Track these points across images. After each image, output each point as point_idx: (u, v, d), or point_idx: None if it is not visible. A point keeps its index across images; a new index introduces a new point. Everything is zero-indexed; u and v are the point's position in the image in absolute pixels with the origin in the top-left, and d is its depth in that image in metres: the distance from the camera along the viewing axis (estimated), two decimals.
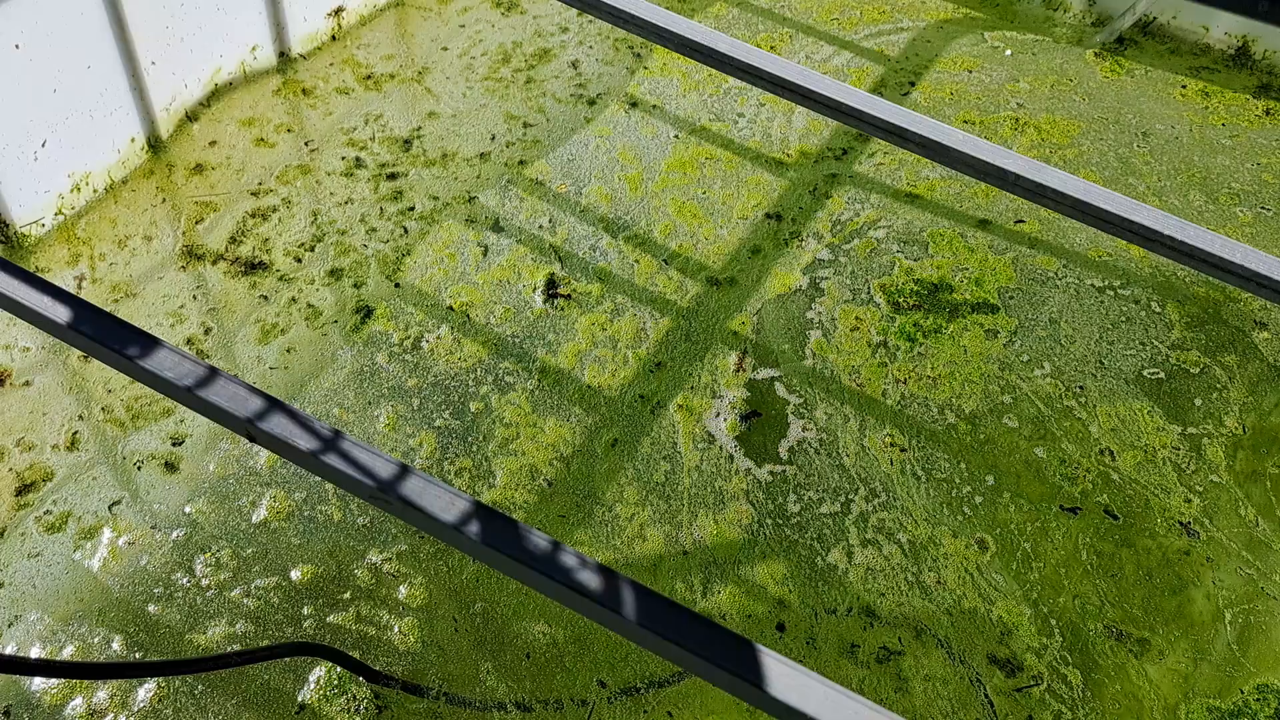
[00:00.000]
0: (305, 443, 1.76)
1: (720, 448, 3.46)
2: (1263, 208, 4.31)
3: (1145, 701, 2.99)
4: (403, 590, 3.09)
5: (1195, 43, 5.07)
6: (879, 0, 5.27)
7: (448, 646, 2.99)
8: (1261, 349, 3.83)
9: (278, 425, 1.78)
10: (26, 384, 3.44)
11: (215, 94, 4.36)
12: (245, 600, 3.04)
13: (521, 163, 4.32)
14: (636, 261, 3.98)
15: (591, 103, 4.60)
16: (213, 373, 1.83)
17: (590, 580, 1.64)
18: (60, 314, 1.92)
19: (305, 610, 3.03)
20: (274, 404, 1.80)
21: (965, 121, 4.60)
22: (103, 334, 1.91)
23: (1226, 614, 3.17)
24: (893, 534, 3.28)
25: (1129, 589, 3.21)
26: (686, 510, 3.30)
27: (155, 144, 4.14)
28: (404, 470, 1.74)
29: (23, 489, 3.21)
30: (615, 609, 1.62)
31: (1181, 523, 3.36)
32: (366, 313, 3.75)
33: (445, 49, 4.79)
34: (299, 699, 2.87)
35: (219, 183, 4.09)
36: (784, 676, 1.54)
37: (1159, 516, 3.37)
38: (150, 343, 1.87)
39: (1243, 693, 3.02)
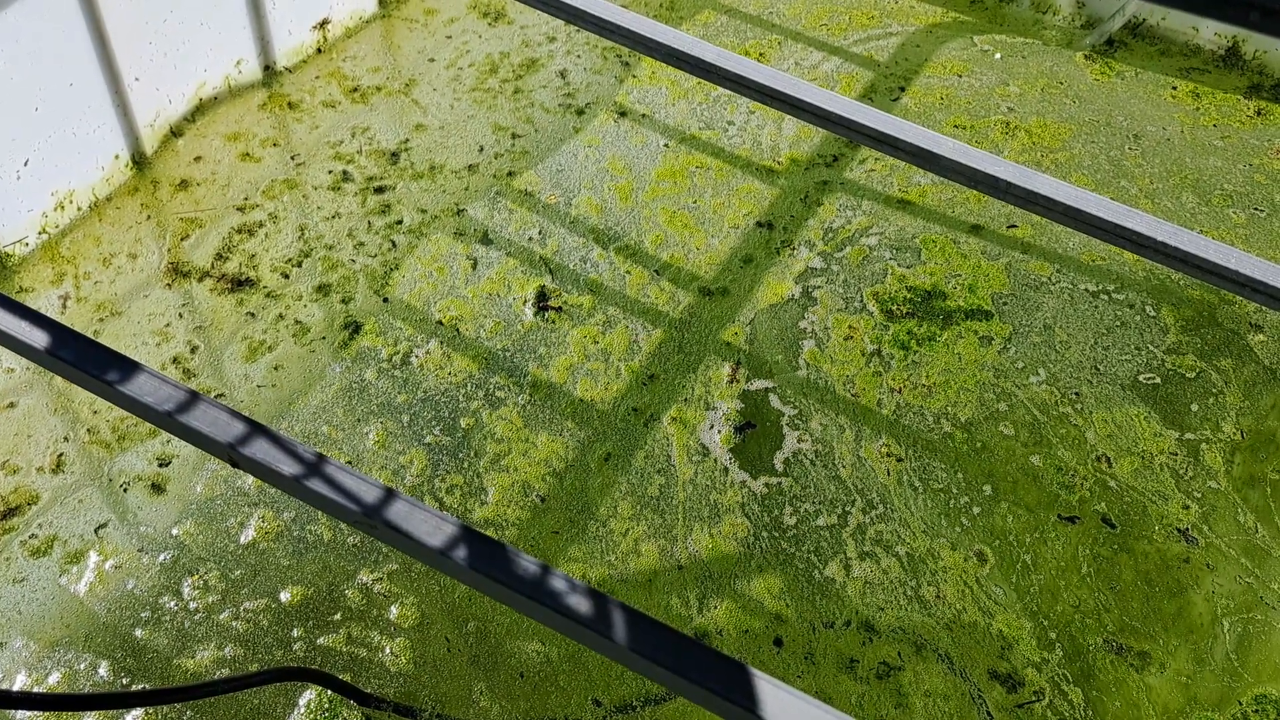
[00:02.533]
0: (289, 468, 1.73)
1: (715, 460, 3.43)
2: (1256, 209, 4.29)
3: (1146, 715, 2.96)
4: (394, 610, 3.05)
5: (1185, 44, 5.06)
6: (868, 5, 5.25)
7: (440, 666, 2.95)
8: (1257, 352, 3.81)
9: (260, 450, 1.75)
10: (11, 405, 3.40)
11: (200, 109, 4.32)
12: (234, 623, 2.99)
13: (510, 174, 4.29)
14: (628, 273, 3.95)
15: (580, 112, 4.57)
16: (193, 397, 1.80)
17: (579, 604, 1.61)
18: (38, 339, 1.89)
19: (295, 632, 2.99)
20: (257, 428, 1.77)
21: (956, 126, 4.58)
22: (82, 359, 1.87)
23: (1225, 622, 3.14)
24: (891, 546, 3.25)
25: (1128, 598, 3.18)
26: (681, 524, 3.27)
27: (139, 160, 4.10)
28: (389, 494, 1.71)
29: (7, 513, 3.17)
30: (605, 633, 1.59)
31: (1180, 529, 3.33)
32: (355, 328, 3.72)
33: (432, 60, 4.76)
34: None
35: (204, 199, 4.05)
36: (777, 700, 1.51)
37: (1157, 523, 3.34)
38: (130, 367, 1.84)
39: (1241, 704, 2.99)
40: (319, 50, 4.71)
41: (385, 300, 3.81)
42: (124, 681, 2.87)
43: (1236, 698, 3.00)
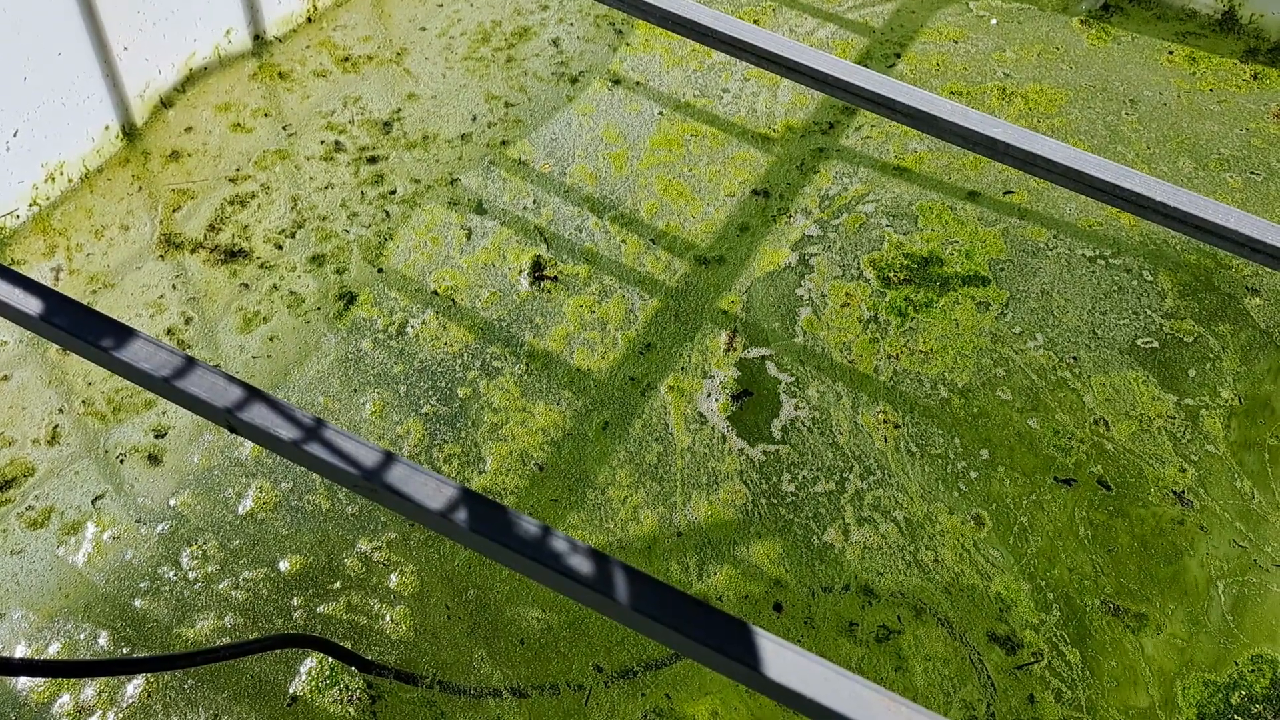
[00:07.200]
0: (287, 432, 1.72)
1: (712, 428, 3.43)
2: (1252, 173, 4.28)
3: (1142, 676, 2.98)
4: (394, 578, 3.05)
5: (1181, 8, 5.02)
6: None
7: (441, 634, 2.96)
8: (1254, 316, 3.81)
9: (258, 415, 1.74)
10: (5, 378, 3.38)
11: (190, 79, 4.28)
12: (234, 593, 3.00)
13: (504, 143, 4.26)
14: (623, 241, 3.94)
15: (574, 81, 4.54)
16: (190, 363, 1.79)
17: (581, 565, 1.61)
18: (32, 306, 1.87)
19: (295, 601, 2.99)
20: (254, 394, 1.76)
21: (952, 92, 4.56)
22: (76, 326, 1.86)
23: (1220, 584, 3.16)
24: (889, 511, 3.26)
25: (1124, 560, 3.19)
26: (680, 491, 3.27)
27: (130, 131, 4.07)
28: (389, 458, 1.70)
29: (4, 485, 3.16)
30: (608, 594, 1.59)
31: (1175, 492, 3.34)
32: (350, 299, 3.70)
33: (424, 29, 4.71)
34: (290, 691, 2.83)
35: (196, 170, 4.02)
36: (781, 658, 1.51)
37: (1153, 486, 3.35)
38: (125, 334, 1.82)
39: (1237, 664, 3.01)
40: (309, 19, 4.66)
41: (380, 271, 3.79)
42: (124, 651, 2.87)
43: (1233, 658, 3.02)
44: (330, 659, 2.87)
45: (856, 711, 1.44)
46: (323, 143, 4.18)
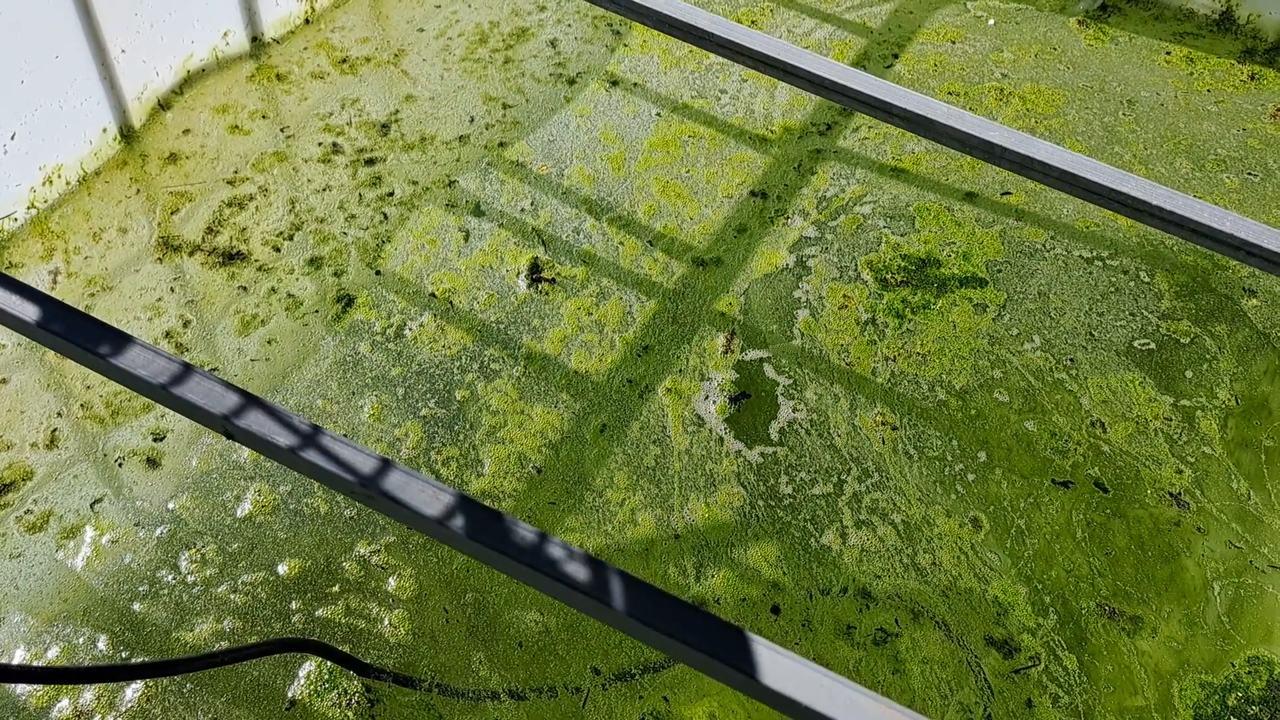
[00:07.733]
0: (284, 439, 1.72)
1: (710, 430, 3.43)
2: (1249, 174, 4.28)
3: (1139, 679, 2.99)
4: (392, 582, 3.05)
5: (1179, 8, 5.03)
6: None
7: (439, 637, 2.96)
8: (1250, 316, 3.81)
9: (256, 422, 1.74)
10: (3, 382, 3.38)
11: (187, 81, 4.28)
12: (232, 596, 3.00)
13: (501, 145, 4.26)
14: (621, 243, 3.94)
15: (571, 82, 4.54)
16: (187, 369, 1.79)
17: (578, 571, 1.61)
18: (29, 313, 1.87)
19: (293, 605, 2.99)
20: (251, 400, 1.76)
21: (950, 93, 4.56)
22: (73, 332, 1.86)
23: (1216, 586, 3.17)
24: (886, 514, 3.26)
25: (1121, 562, 3.20)
26: (678, 494, 3.28)
27: (128, 134, 4.07)
28: (386, 464, 1.70)
29: (2, 489, 3.16)
30: (604, 600, 1.59)
31: (1171, 494, 3.34)
32: (348, 302, 3.70)
33: (421, 30, 4.71)
34: (289, 695, 2.84)
35: (194, 172, 4.02)
36: (777, 665, 1.52)
37: (1149, 488, 3.35)
38: (122, 340, 1.82)
39: (1234, 666, 3.02)
40: (307, 21, 4.66)
41: (378, 273, 3.79)
42: (123, 655, 2.88)
43: (1229, 660, 3.03)
44: (329, 663, 2.88)
45: (853, 718, 1.44)
46: (320, 145, 4.18)
